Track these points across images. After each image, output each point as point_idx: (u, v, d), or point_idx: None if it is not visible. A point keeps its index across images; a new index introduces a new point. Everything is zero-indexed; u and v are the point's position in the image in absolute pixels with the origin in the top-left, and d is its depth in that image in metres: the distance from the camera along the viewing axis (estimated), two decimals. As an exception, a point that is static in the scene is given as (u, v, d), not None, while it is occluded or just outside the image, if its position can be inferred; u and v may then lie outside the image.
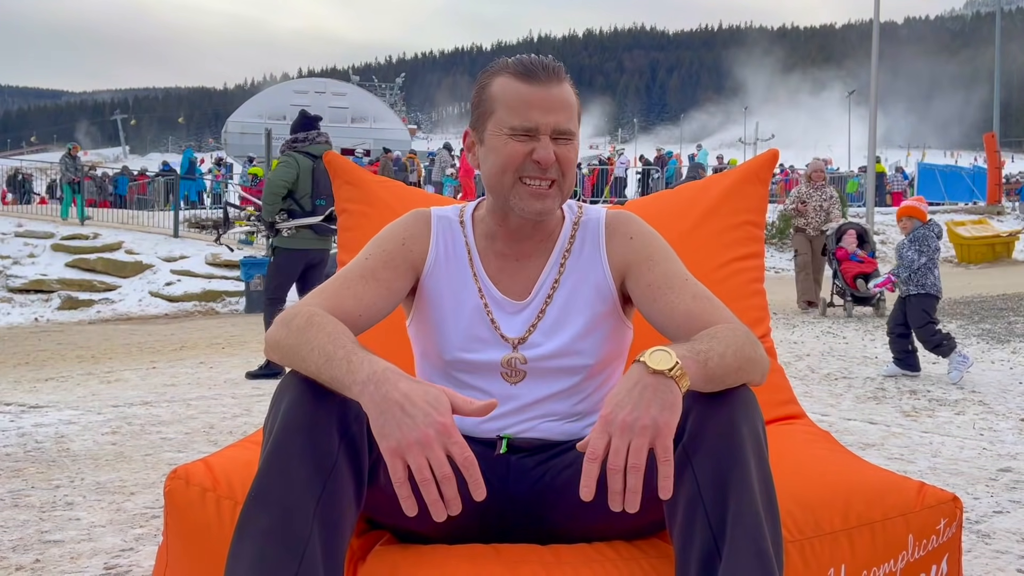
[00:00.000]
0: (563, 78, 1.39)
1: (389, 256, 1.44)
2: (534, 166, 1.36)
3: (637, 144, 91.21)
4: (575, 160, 1.41)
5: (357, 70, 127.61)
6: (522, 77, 1.37)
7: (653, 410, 1.10)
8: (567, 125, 1.38)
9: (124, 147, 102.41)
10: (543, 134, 1.36)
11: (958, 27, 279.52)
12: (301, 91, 48.47)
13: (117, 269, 14.30)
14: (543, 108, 1.36)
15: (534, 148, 1.36)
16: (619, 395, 1.13)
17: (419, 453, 1.07)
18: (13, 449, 3.82)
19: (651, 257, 1.44)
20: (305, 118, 5.98)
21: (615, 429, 1.10)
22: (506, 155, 1.37)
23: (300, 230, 5.72)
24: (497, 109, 1.39)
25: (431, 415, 1.09)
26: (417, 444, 1.07)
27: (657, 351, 1.16)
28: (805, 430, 1.86)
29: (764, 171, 2.17)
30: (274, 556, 1.07)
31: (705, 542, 1.12)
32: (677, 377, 1.14)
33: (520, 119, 1.36)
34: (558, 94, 1.37)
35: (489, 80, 1.42)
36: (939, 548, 1.40)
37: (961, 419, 4.25)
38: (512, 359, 1.43)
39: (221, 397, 5.22)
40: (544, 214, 1.40)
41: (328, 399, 1.17)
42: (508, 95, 1.38)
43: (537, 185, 1.37)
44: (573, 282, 1.45)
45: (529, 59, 1.40)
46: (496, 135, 1.39)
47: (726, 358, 1.20)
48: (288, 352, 1.25)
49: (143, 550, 2.44)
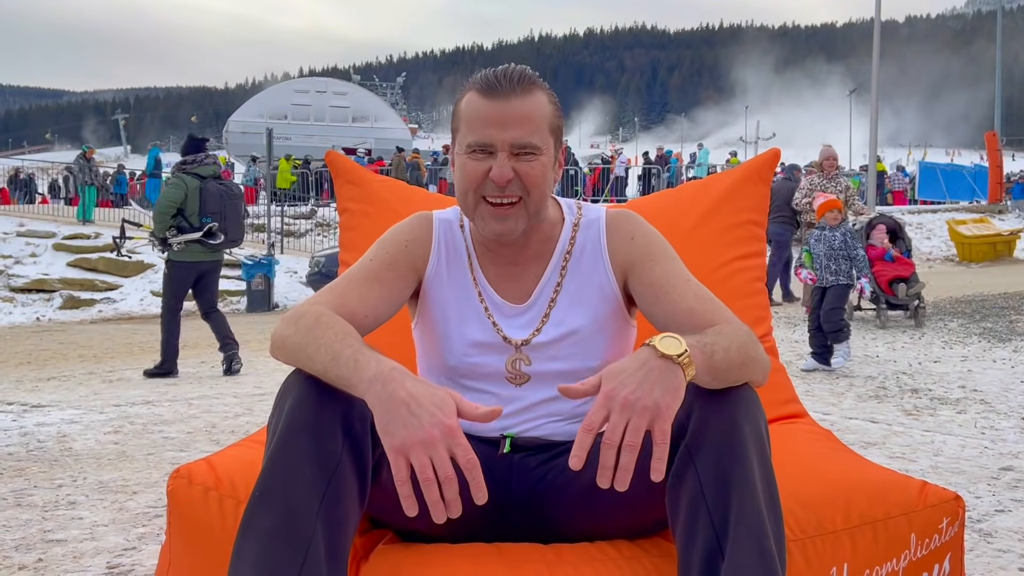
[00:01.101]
0: (530, 90, 1.35)
1: (392, 259, 1.44)
2: (492, 185, 1.33)
3: (638, 143, 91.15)
4: (541, 176, 1.35)
5: (358, 69, 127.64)
6: (483, 92, 1.34)
7: (656, 392, 1.10)
8: (527, 139, 1.33)
9: (125, 146, 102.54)
10: (500, 150, 1.33)
11: (959, 25, 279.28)
12: (302, 90, 48.55)
13: (118, 268, 14.31)
14: (499, 124, 1.32)
15: (492, 166, 1.33)
16: (624, 372, 1.12)
17: (423, 453, 1.07)
18: (15, 448, 3.82)
19: (653, 256, 1.43)
20: (192, 141, 6.51)
21: (616, 405, 1.09)
22: (466, 175, 1.35)
23: (190, 244, 6.17)
24: (461, 126, 1.38)
25: (436, 416, 1.09)
26: (421, 444, 1.07)
27: (667, 337, 1.16)
28: (807, 429, 1.86)
29: (765, 170, 2.17)
30: (278, 554, 1.07)
31: (708, 541, 1.12)
32: (684, 364, 1.14)
33: (475, 135, 1.34)
34: (518, 107, 1.33)
35: (461, 96, 1.40)
36: (941, 547, 1.40)
37: (963, 418, 4.25)
38: (516, 361, 1.43)
39: (223, 396, 5.22)
40: (506, 235, 1.37)
41: (332, 398, 1.17)
42: (469, 111, 1.36)
43: (498, 206, 1.35)
44: (576, 284, 1.45)
45: (494, 73, 1.36)
46: (460, 153, 1.37)
47: (730, 353, 1.20)
48: (295, 350, 1.26)
49: (146, 549, 2.44)
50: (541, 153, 1.35)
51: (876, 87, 18.03)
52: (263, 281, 13.14)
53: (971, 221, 17.63)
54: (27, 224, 15.63)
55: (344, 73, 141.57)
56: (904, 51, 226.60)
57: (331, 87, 49.46)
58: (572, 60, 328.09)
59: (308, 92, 48.18)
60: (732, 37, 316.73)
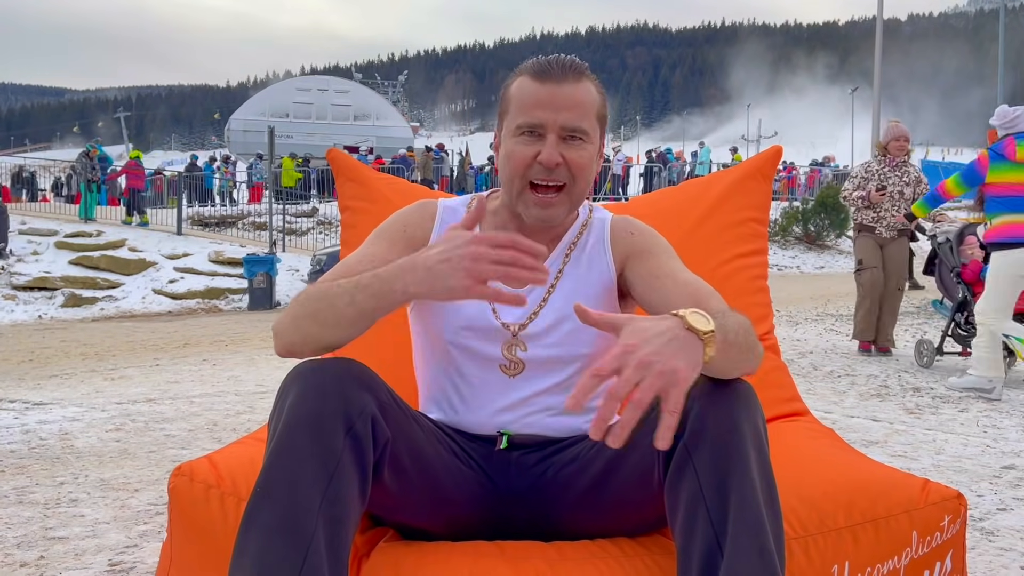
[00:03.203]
0: (581, 77, 1.38)
1: (391, 244, 1.45)
2: (540, 168, 1.35)
3: (640, 141, 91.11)
4: (588, 163, 1.38)
5: (360, 67, 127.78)
6: (536, 76, 1.37)
7: (678, 360, 1.05)
8: (577, 123, 1.35)
9: (127, 145, 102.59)
10: (550, 132, 1.35)
11: (962, 24, 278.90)
12: (304, 88, 48.51)
13: (121, 266, 14.34)
14: (551, 106, 1.34)
15: (540, 150, 1.35)
16: (647, 332, 1.06)
17: (477, 272, 1.11)
18: (18, 446, 3.83)
19: (650, 250, 1.47)
20: None
21: (633, 360, 1.02)
22: (515, 158, 1.37)
23: None
24: (511, 109, 1.40)
25: (457, 242, 1.14)
26: (474, 263, 1.12)
27: (695, 313, 1.13)
28: (808, 427, 1.86)
29: (768, 168, 2.17)
30: (278, 552, 1.07)
31: (707, 539, 1.12)
32: (707, 343, 1.11)
33: (526, 116, 1.36)
34: (570, 92, 1.36)
35: (511, 81, 1.43)
36: (943, 545, 1.40)
37: (964, 416, 4.25)
38: (512, 347, 1.43)
39: (224, 394, 5.23)
40: (549, 221, 1.40)
41: (334, 395, 1.17)
42: (521, 94, 1.38)
43: (544, 192, 1.37)
44: (578, 273, 1.47)
45: (547, 59, 1.39)
46: (508, 136, 1.40)
47: (739, 336, 1.19)
48: (310, 317, 1.26)
49: (147, 547, 2.44)
50: (589, 140, 1.38)
51: (878, 85, 18.02)
52: (265, 279, 13.16)
53: (972, 220, 17.60)
54: (29, 222, 15.65)
55: (346, 71, 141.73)
56: (906, 49, 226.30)
57: (333, 85, 49.41)
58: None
59: (310, 90, 48.14)
60: (734, 35, 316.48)
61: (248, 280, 13.20)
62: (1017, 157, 4.68)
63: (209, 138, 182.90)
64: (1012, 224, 4.67)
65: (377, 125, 46.42)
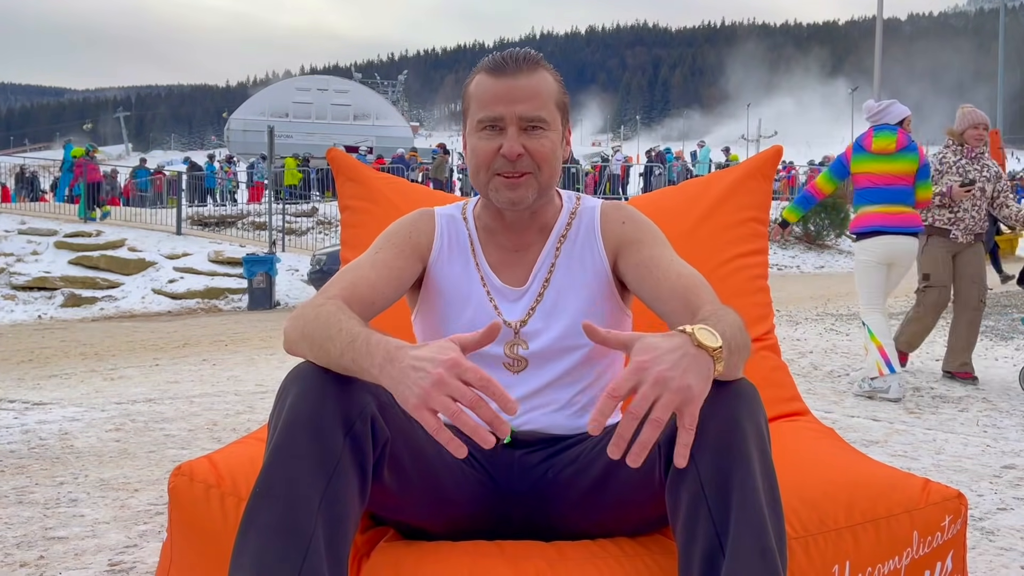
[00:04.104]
0: (536, 67, 1.41)
1: (399, 248, 1.48)
2: (503, 160, 1.39)
3: (640, 141, 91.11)
4: (550, 151, 1.41)
5: (359, 67, 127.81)
6: (491, 72, 1.41)
7: (691, 376, 1.07)
8: (535, 113, 1.38)
9: (127, 144, 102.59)
10: (509, 125, 1.38)
11: (962, 23, 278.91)
12: (303, 88, 48.52)
13: (120, 266, 14.32)
14: (508, 99, 1.38)
15: (502, 143, 1.38)
16: (659, 349, 1.08)
17: (439, 394, 1.06)
18: (17, 446, 3.83)
19: (642, 240, 1.48)
20: None
21: (649, 378, 1.05)
22: (479, 153, 1.41)
23: None
24: (472, 106, 1.43)
25: (437, 358, 1.08)
26: (433, 387, 1.06)
27: (703, 329, 1.14)
28: (809, 427, 1.86)
29: (768, 167, 2.16)
30: (278, 551, 1.07)
31: (708, 539, 1.12)
32: (716, 359, 1.12)
33: (485, 111, 1.40)
34: (526, 83, 1.39)
35: (470, 80, 1.46)
36: (944, 545, 1.40)
37: (965, 416, 4.25)
38: (515, 346, 1.45)
39: (224, 394, 5.22)
40: (518, 203, 1.42)
41: (333, 395, 1.17)
42: (479, 90, 1.42)
43: (509, 176, 1.40)
44: (569, 265, 1.49)
45: (501, 55, 1.42)
46: (471, 133, 1.43)
47: (736, 340, 1.20)
48: (310, 344, 1.25)
49: (147, 547, 2.44)
50: (549, 128, 1.41)
51: (878, 85, 18.00)
52: (265, 279, 13.15)
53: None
54: (28, 222, 15.64)
55: (345, 71, 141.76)
56: (906, 49, 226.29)
57: (332, 85, 49.41)
58: (574, 58, 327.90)
59: (309, 90, 48.16)
60: (734, 35, 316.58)
61: (248, 280, 13.19)
62: (872, 147, 4.74)
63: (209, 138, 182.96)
64: (869, 214, 4.74)
65: (377, 125, 46.43)
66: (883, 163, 4.72)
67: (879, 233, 4.71)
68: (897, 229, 4.68)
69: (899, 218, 4.69)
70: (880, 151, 4.73)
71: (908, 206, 4.72)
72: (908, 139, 4.73)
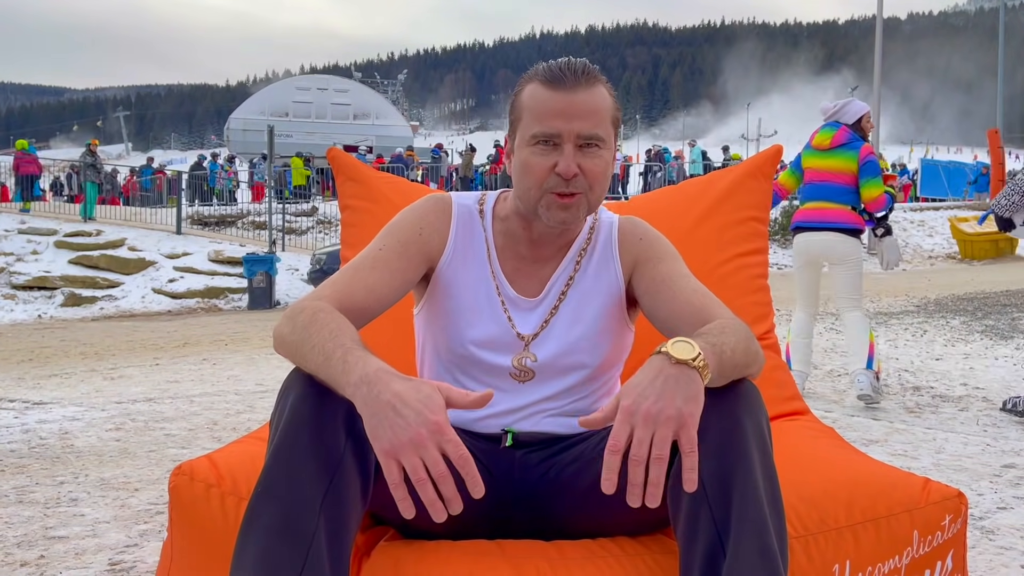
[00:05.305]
0: (593, 82, 1.35)
1: (404, 247, 1.41)
2: (557, 179, 1.33)
3: (640, 140, 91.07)
4: (604, 171, 1.36)
5: (359, 66, 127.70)
6: (548, 83, 1.34)
7: (678, 400, 1.08)
8: (592, 131, 1.33)
9: (127, 144, 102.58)
10: (566, 142, 1.32)
11: (962, 22, 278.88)
12: (303, 88, 48.44)
13: (120, 266, 14.33)
14: (566, 115, 1.32)
15: (557, 161, 1.33)
16: (640, 385, 1.10)
17: (412, 453, 1.05)
18: (17, 446, 3.83)
19: (658, 256, 1.45)
20: None
21: (638, 420, 1.07)
22: (532, 170, 1.34)
23: None
24: (524, 116, 1.36)
25: (423, 414, 1.06)
26: (410, 444, 1.05)
27: (678, 342, 1.14)
28: (809, 426, 1.86)
29: (768, 167, 2.16)
30: (280, 551, 1.07)
31: (709, 539, 1.12)
32: (700, 368, 1.12)
33: (542, 126, 1.33)
34: (584, 99, 1.33)
35: (522, 87, 1.39)
36: (944, 544, 1.40)
37: (965, 415, 4.25)
38: (523, 358, 1.43)
39: (224, 393, 5.23)
40: (568, 223, 1.38)
41: (335, 395, 1.17)
42: (534, 102, 1.35)
43: (562, 196, 1.34)
44: (588, 281, 1.46)
45: (559, 64, 1.36)
46: (522, 145, 1.36)
47: (737, 352, 1.20)
48: (292, 349, 1.25)
49: (148, 546, 2.44)
50: (605, 146, 1.35)
51: (878, 84, 18.00)
52: (264, 278, 13.16)
53: (973, 218, 17.61)
54: (28, 221, 15.64)
55: (345, 70, 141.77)
56: (906, 48, 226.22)
57: (332, 84, 49.32)
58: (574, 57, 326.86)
59: (309, 90, 48.07)
60: (734, 34, 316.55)
61: (248, 279, 13.19)
62: (813, 143, 4.73)
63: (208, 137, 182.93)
64: (802, 210, 4.74)
65: (377, 124, 46.37)
66: (819, 159, 4.69)
67: (798, 230, 4.71)
68: (813, 224, 4.62)
69: (819, 214, 4.62)
70: (817, 147, 4.71)
71: (839, 203, 4.60)
72: (848, 136, 4.62)
